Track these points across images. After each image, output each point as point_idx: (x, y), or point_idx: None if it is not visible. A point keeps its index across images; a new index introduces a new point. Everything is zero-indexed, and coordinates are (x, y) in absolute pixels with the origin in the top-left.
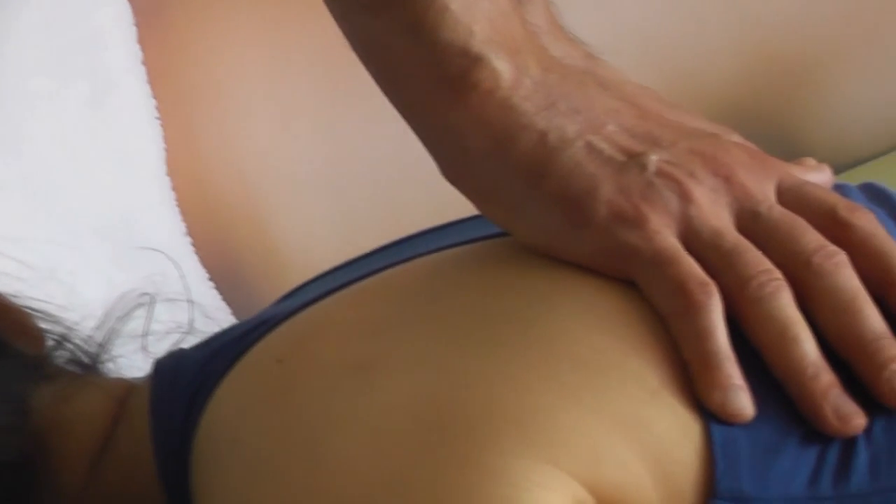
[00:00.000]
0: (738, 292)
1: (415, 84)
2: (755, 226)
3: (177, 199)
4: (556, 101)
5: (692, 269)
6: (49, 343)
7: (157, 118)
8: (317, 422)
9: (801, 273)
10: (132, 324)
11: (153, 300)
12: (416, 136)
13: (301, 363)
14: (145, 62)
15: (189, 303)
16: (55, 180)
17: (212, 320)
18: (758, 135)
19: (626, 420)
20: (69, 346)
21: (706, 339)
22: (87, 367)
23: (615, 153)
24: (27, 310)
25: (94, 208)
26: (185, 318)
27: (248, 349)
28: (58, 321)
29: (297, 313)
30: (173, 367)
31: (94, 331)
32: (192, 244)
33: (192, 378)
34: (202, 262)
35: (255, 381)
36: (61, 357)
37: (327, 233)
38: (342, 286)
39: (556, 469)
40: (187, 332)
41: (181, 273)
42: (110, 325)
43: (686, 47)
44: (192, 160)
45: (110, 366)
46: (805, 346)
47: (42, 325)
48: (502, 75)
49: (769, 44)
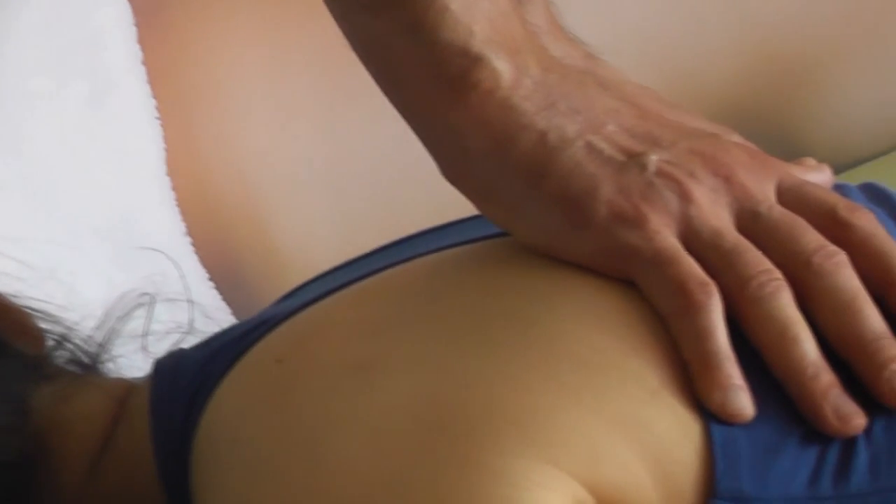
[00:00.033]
0: (738, 292)
1: (415, 84)
2: (755, 226)
3: (177, 198)
4: (556, 101)
5: (692, 269)
6: (49, 343)
7: (157, 118)
8: (317, 422)
9: (801, 273)
10: (132, 324)
11: (153, 300)
12: (415, 137)
13: (301, 363)
14: (145, 62)
15: (189, 303)
16: (55, 180)
17: (212, 320)
18: (758, 135)
19: (626, 420)
20: (69, 346)
21: (706, 339)
22: (87, 367)
23: (615, 153)
24: (27, 310)
25: (94, 208)
26: (185, 318)
27: (248, 349)
28: (58, 321)
29: (296, 313)
30: (173, 367)
31: (94, 331)
32: (192, 244)
33: (192, 378)
34: (202, 262)
35: (254, 382)
36: (61, 357)
37: (327, 233)
38: (342, 286)
39: (556, 469)
40: (187, 332)
41: (181, 273)
42: (110, 325)
43: (686, 47)
44: (192, 160)
45: (110, 366)
46: (805, 346)
47: (42, 325)
48: (502, 75)
49: (769, 44)
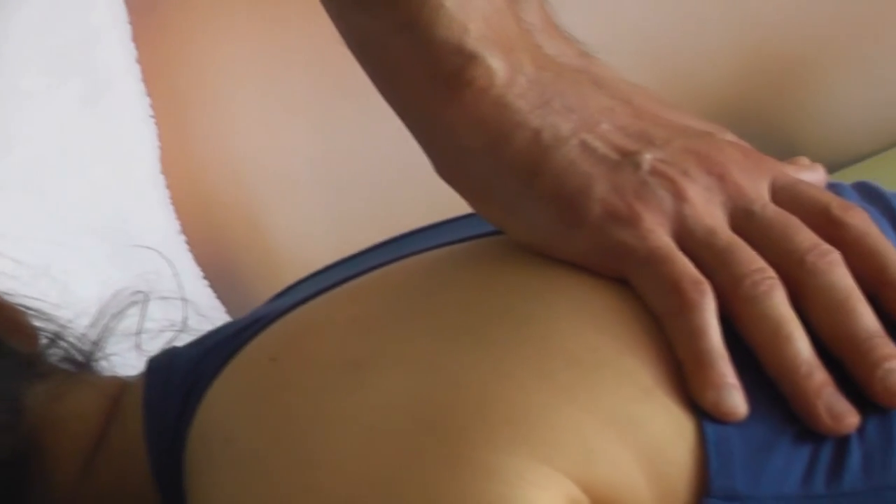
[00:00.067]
0: (732, 291)
1: (409, 82)
2: (749, 224)
3: (171, 197)
4: (551, 100)
5: (686, 268)
6: (43, 341)
7: (152, 116)
8: (309, 420)
9: (794, 272)
10: (126, 322)
11: (147, 298)
12: (410, 135)
13: (294, 361)
14: (140, 61)
15: (182, 301)
16: (49, 178)
17: (205, 318)
18: (752, 134)
19: (619, 418)
20: (63, 344)
21: (700, 338)
22: (81, 366)
23: (609, 152)
24: (21, 308)
25: (88, 206)
26: (179, 316)
27: (241, 347)
28: (51, 319)
29: (290, 311)
30: (167, 365)
31: (87, 329)
32: (187, 242)
33: (186, 376)
34: (196, 260)
35: (248, 380)
36: (55, 355)
37: (322, 231)
38: (336, 284)
39: (550, 467)
40: (181, 330)
41: (175, 271)
42: (104, 323)
43: (680, 46)
44: (187, 158)
45: (104, 364)
46: (798, 345)
47: (36, 322)
48: (497, 73)
49: (764, 43)
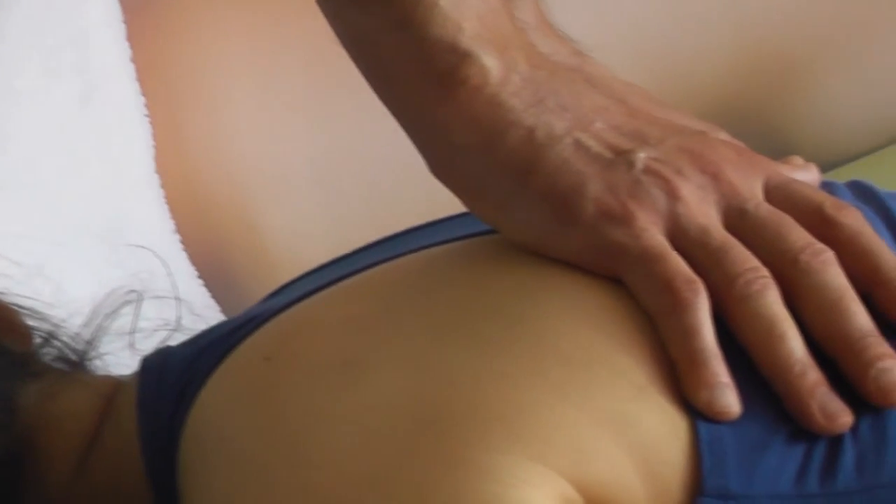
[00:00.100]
0: (725, 290)
1: (404, 80)
2: (742, 223)
3: (166, 196)
4: (545, 98)
5: (679, 267)
6: (36, 340)
7: (146, 116)
8: (303, 419)
9: (788, 271)
10: (119, 321)
11: (140, 297)
12: (405, 134)
13: (288, 360)
14: (134, 60)
15: (176, 300)
16: (43, 178)
17: (200, 318)
18: (745, 133)
19: (613, 417)
20: (56, 343)
21: (693, 337)
22: (75, 365)
23: (603, 150)
24: (14, 307)
25: (81, 206)
26: (173, 315)
27: (235, 346)
28: (45, 318)
29: (284, 310)
30: (161, 364)
31: (81, 328)
32: (181, 242)
33: (180, 375)
34: (191, 259)
35: (242, 379)
36: (48, 354)
37: (316, 230)
38: (330, 283)
39: (543, 466)
40: (175, 329)
41: (168, 270)
42: (98, 322)
43: (674, 45)
44: (181, 158)
45: (97, 363)
46: (792, 344)
47: (29, 322)
48: (491, 72)
49: (758, 43)
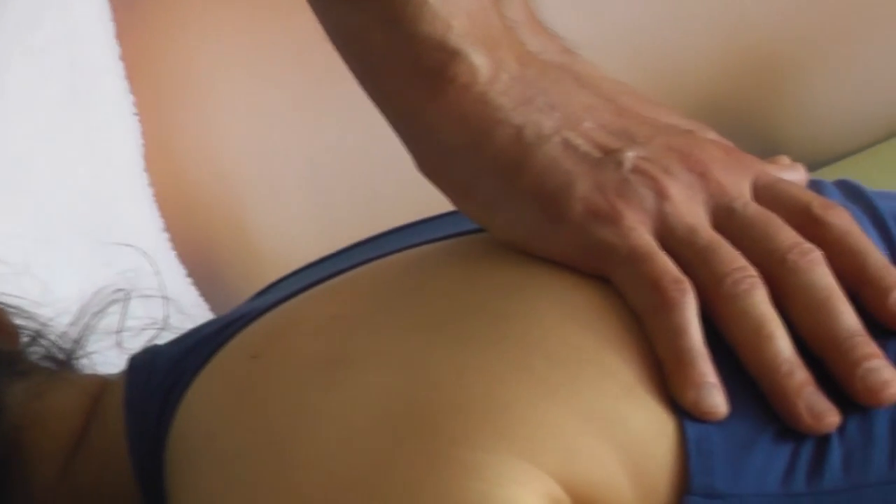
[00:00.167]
0: (713, 289)
1: (392, 78)
2: (730, 223)
3: (154, 195)
4: (534, 97)
5: (667, 267)
6: (23, 339)
7: (135, 114)
8: (288, 418)
9: (775, 270)
10: (107, 320)
11: (128, 296)
12: (393, 132)
13: (275, 359)
14: (123, 58)
15: (164, 299)
16: (31, 176)
17: (188, 316)
18: (733, 132)
19: (600, 415)
20: (43, 342)
21: (680, 337)
22: (62, 364)
23: (591, 150)
24: (1, 305)
25: (70, 204)
26: (161, 314)
27: (222, 345)
28: (32, 317)
29: (271, 309)
30: (148, 363)
31: (68, 327)
32: (170, 240)
33: (167, 374)
34: (180, 258)
35: (229, 378)
36: (35, 353)
37: (305, 229)
38: (317, 282)
39: (529, 464)
40: (162, 328)
41: (156, 269)
42: (85, 321)
43: (664, 44)
44: (170, 156)
45: (85, 362)
46: (779, 344)
47: (16, 321)
48: (479, 70)
49: (746, 43)
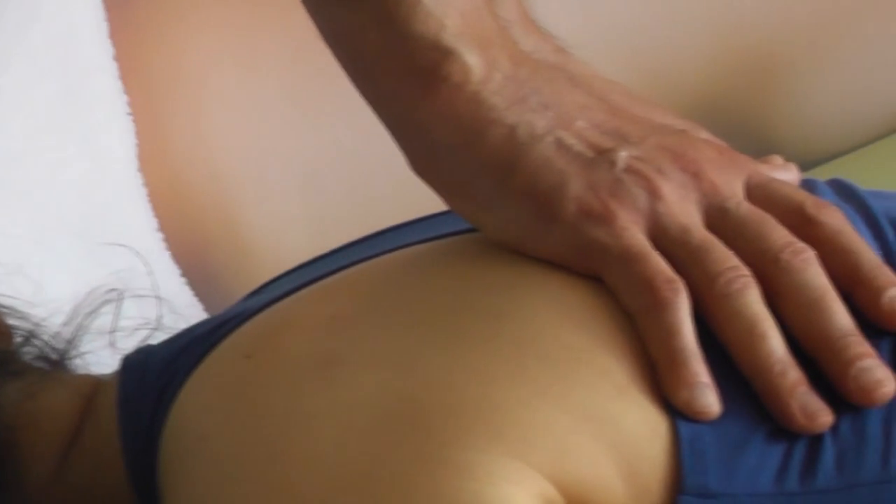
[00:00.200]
0: (706, 289)
1: (385, 77)
2: (723, 222)
3: (149, 195)
4: (527, 97)
5: (659, 266)
6: (16, 339)
7: (129, 114)
8: (283, 418)
9: (768, 270)
10: (100, 320)
11: (121, 296)
12: (387, 133)
13: (268, 359)
14: (117, 58)
15: (157, 299)
16: (25, 176)
17: (183, 316)
18: (727, 132)
19: (593, 415)
20: (37, 342)
21: (673, 337)
22: (55, 364)
23: (584, 149)
24: None
25: (64, 204)
26: (154, 314)
27: (216, 345)
28: (25, 317)
29: (265, 309)
30: (141, 363)
31: (62, 327)
32: (164, 240)
33: (160, 374)
34: (174, 258)
35: (222, 378)
36: (29, 353)
37: (299, 229)
38: (311, 282)
39: (523, 464)
40: (156, 328)
41: (149, 269)
42: (78, 321)
43: (657, 44)
44: (164, 156)
45: (78, 362)
46: (772, 343)
47: (9, 321)
48: (473, 69)
49: (740, 43)
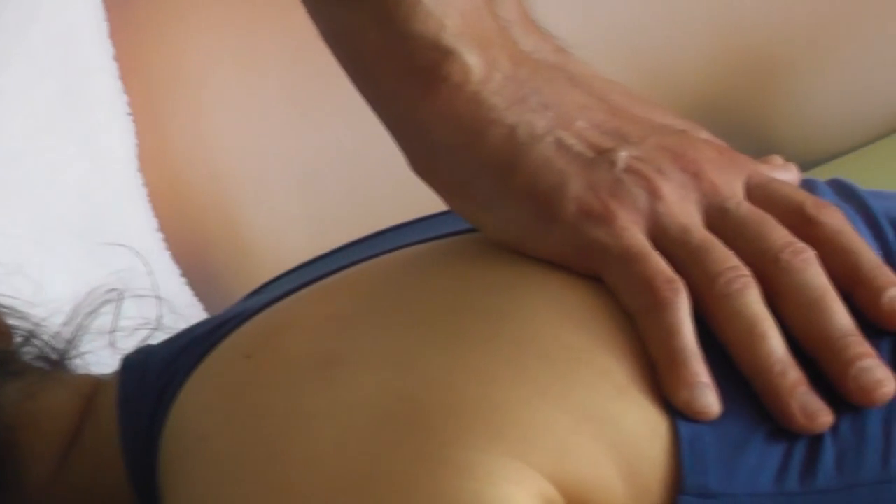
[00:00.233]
0: (706, 289)
1: (385, 77)
2: (723, 222)
3: (149, 194)
4: (527, 97)
5: (659, 266)
6: (17, 339)
7: (129, 114)
8: (283, 418)
9: (768, 270)
10: (100, 320)
11: (121, 296)
12: (387, 133)
13: (268, 359)
14: (117, 58)
15: (157, 299)
16: (25, 176)
17: (183, 316)
18: (727, 132)
19: (593, 415)
20: (37, 342)
21: (673, 337)
22: (55, 364)
23: (584, 149)
24: None
25: (64, 204)
26: (154, 314)
27: (215, 345)
28: (25, 317)
29: (265, 309)
30: (141, 363)
31: (61, 327)
32: (164, 240)
33: (160, 374)
34: (174, 258)
35: (222, 378)
36: (29, 353)
37: (299, 229)
38: (311, 282)
39: (523, 464)
40: (156, 328)
41: (149, 269)
42: (78, 321)
43: (657, 44)
44: (165, 156)
45: (78, 362)
46: (772, 343)
47: (9, 321)
48: (473, 69)
49: (740, 43)
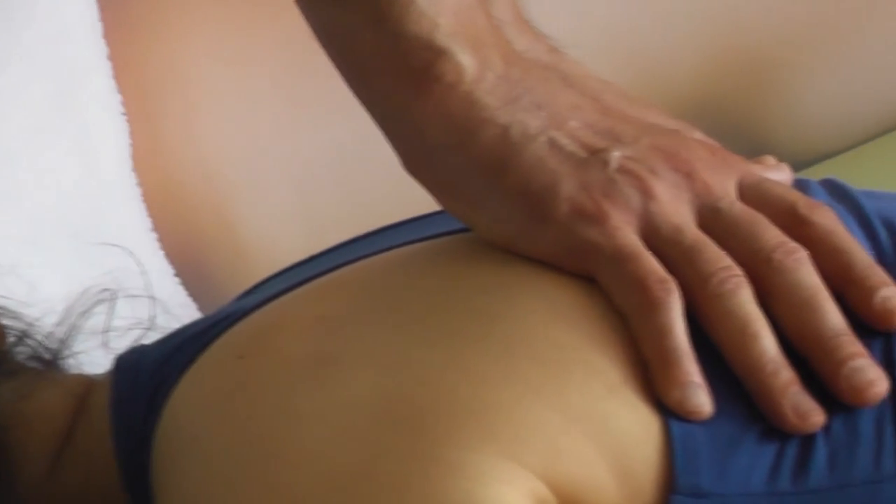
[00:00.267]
0: (698, 289)
1: (379, 76)
2: (716, 222)
3: (142, 194)
4: (520, 96)
5: (652, 266)
6: (9, 339)
7: (123, 114)
8: (275, 418)
9: (761, 270)
10: (93, 320)
11: (114, 296)
12: (380, 133)
13: (261, 359)
14: (111, 58)
15: (150, 299)
16: (18, 176)
17: (176, 316)
18: (719, 132)
19: (585, 415)
20: (30, 342)
21: (665, 337)
22: (48, 364)
23: (577, 149)
24: None
25: (57, 204)
26: (148, 314)
27: (208, 345)
28: (18, 317)
29: (257, 309)
30: (134, 363)
31: (55, 327)
32: (158, 240)
33: (153, 374)
34: (168, 258)
35: (215, 378)
36: (22, 353)
37: (293, 229)
38: (304, 281)
39: (514, 463)
40: (149, 328)
41: (143, 269)
42: (71, 321)
43: (650, 44)
44: (158, 156)
45: (71, 362)
46: (764, 343)
47: (2, 321)
48: (466, 69)
49: (733, 43)
